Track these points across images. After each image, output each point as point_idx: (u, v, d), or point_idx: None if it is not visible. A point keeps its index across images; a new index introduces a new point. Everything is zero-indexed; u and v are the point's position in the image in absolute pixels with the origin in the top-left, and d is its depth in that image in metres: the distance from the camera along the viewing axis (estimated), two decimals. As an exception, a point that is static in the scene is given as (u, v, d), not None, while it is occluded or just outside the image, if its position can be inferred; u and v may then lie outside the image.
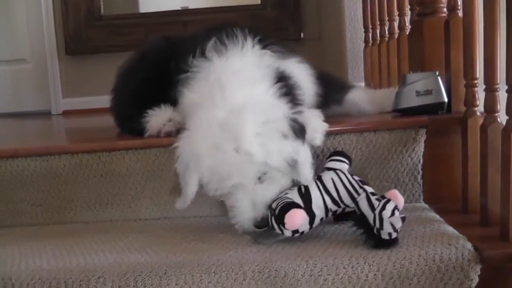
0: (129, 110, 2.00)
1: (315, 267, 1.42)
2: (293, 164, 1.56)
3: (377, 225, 1.46)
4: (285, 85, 1.67)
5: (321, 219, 1.58)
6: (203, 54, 1.74)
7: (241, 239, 1.61)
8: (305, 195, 1.57)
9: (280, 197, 1.56)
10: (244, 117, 1.53)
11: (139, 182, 1.88)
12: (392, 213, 1.46)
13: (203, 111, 1.60)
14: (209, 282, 1.42)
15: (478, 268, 1.42)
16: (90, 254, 1.59)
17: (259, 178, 1.56)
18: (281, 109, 1.60)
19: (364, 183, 1.59)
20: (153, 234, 1.73)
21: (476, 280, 1.42)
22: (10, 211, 1.92)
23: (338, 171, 1.61)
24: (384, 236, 1.46)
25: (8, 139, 2.59)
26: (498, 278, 1.44)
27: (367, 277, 1.41)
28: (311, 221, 1.55)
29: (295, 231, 1.54)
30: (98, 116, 3.41)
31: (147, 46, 2.20)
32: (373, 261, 1.42)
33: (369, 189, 1.57)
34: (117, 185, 1.89)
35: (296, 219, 1.51)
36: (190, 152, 1.57)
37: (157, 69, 1.93)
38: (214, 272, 1.43)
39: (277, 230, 1.54)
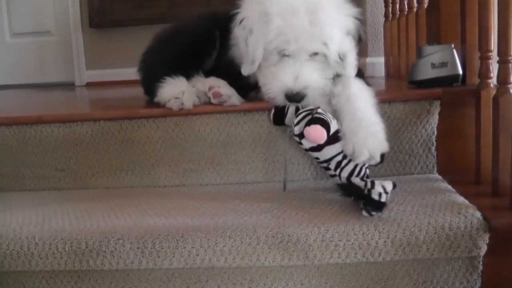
0: (160, 72, 1.98)
1: (326, 233, 1.45)
2: (343, 59, 1.68)
3: (369, 185, 1.50)
4: None
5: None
6: None
7: (256, 206, 1.65)
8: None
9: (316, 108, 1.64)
10: (324, 1, 1.66)
11: (158, 149, 1.92)
12: None
13: None
14: (224, 246, 1.46)
15: (486, 236, 1.44)
16: (110, 217, 1.63)
17: (313, 55, 1.66)
18: (351, 10, 1.72)
19: None
20: (171, 200, 1.77)
21: (484, 248, 1.44)
22: (34, 175, 1.97)
23: None
24: (374, 196, 1.49)
25: (33, 106, 2.63)
26: (506, 247, 1.46)
27: (377, 244, 1.44)
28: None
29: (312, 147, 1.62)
30: (120, 88, 3.45)
31: (194, 18, 2.20)
32: (383, 229, 1.44)
33: None
34: (137, 152, 1.93)
35: (317, 135, 1.58)
36: (260, 12, 1.67)
37: (200, 36, 1.99)
38: (229, 236, 1.47)
39: (296, 132, 1.62)
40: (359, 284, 1.50)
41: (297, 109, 1.67)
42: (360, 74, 1.82)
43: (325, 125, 1.59)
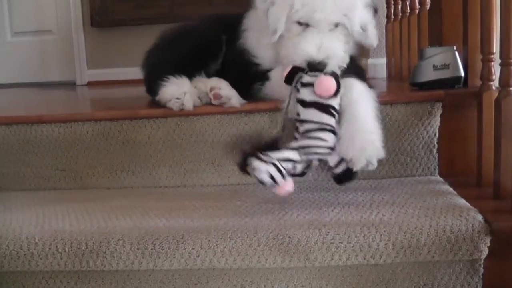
0: (164, 72, 1.97)
1: (327, 235, 1.44)
2: (364, 29, 1.75)
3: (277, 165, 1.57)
4: None
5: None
6: None
7: (256, 207, 1.65)
8: None
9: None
10: None
11: (159, 150, 1.91)
12: None
13: None
14: (224, 247, 1.46)
15: (488, 240, 1.43)
16: (110, 218, 1.62)
17: (335, 27, 1.71)
18: None
19: None
20: (171, 200, 1.76)
21: (485, 251, 1.44)
22: (34, 175, 1.96)
23: None
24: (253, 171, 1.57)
25: (33, 106, 2.63)
26: (507, 250, 1.45)
27: (378, 246, 1.43)
28: None
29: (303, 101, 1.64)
30: (121, 87, 3.45)
31: (201, 20, 2.20)
32: (384, 231, 1.44)
33: None
34: (138, 153, 1.92)
35: (329, 85, 1.61)
36: None
37: (207, 40, 2.01)
38: (229, 237, 1.46)
39: (304, 80, 1.65)
40: (360, 286, 1.50)
41: None
42: (362, 75, 1.82)
43: (338, 85, 1.61)
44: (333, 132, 1.62)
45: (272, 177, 1.56)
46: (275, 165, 1.56)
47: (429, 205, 1.57)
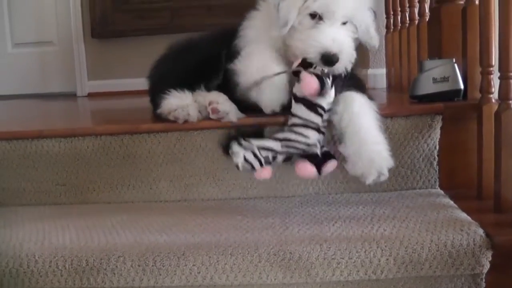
0: (167, 85, 1.96)
1: (328, 250, 1.44)
2: (367, 30, 1.79)
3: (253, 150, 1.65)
4: None
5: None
6: None
7: (257, 222, 1.64)
8: None
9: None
10: None
11: (160, 164, 1.91)
12: None
13: None
14: (225, 264, 1.45)
15: (489, 254, 1.43)
16: (111, 234, 1.62)
17: (345, 23, 1.73)
18: None
19: None
20: (172, 215, 1.76)
21: (487, 266, 1.43)
22: (35, 190, 1.96)
23: None
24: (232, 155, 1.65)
25: (33, 120, 2.63)
26: (509, 264, 1.44)
27: (379, 261, 1.43)
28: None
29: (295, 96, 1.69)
30: (122, 99, 3.45)
31: (205, 35, 2.19)
32: (385, 246, 1.43)
33: None
34: (138, 167, 1.92)
35: (310, 84, 1.63)
36: None
37: (208, 56, 1.99)
38: (230, 253, 1.46)
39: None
40: (361, 302, 1.50)
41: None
42: (362, 87, 1.82)
43: (322, 85, 1.62)
44: (318, 130, 1.65)
45: (250, 163, 1.63)
46: (253, 152, 1.63)
47: (430, 219, 1.57)
